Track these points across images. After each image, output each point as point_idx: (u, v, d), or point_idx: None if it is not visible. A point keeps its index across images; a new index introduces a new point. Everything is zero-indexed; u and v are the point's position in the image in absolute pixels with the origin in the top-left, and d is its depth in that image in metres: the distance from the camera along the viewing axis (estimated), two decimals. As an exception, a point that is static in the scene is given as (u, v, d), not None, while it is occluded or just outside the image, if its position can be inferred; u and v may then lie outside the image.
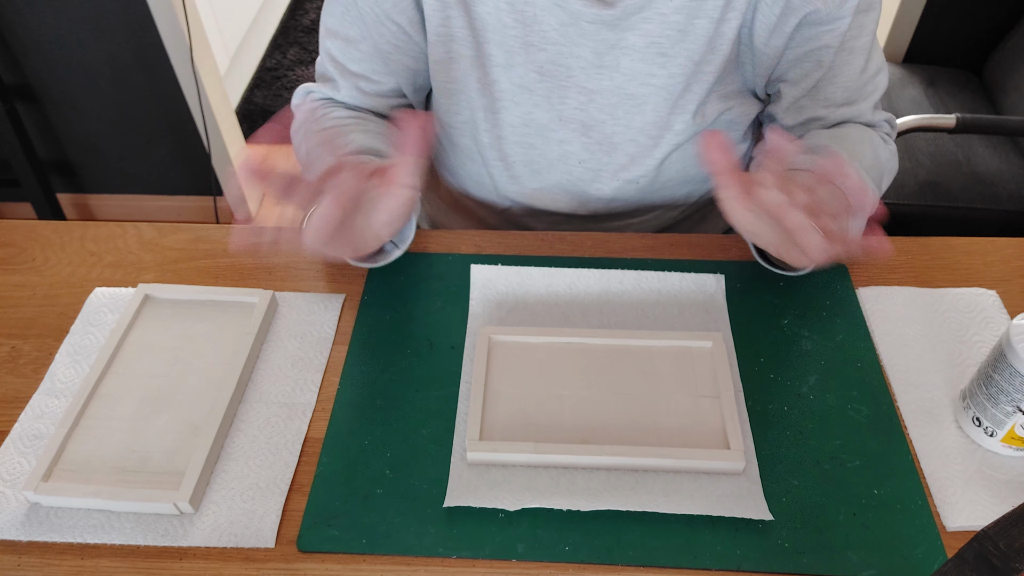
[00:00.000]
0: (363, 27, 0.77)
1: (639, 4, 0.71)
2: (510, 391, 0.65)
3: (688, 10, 0.71)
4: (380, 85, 0.81)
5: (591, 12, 0.71)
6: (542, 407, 0.64)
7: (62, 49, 1.80)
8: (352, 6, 0.77)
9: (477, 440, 0.61)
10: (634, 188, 0.84)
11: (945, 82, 1.67)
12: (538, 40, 0.74)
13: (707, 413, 0.63)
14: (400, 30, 0.76)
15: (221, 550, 0.58)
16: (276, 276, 0.78)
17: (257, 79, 2.57)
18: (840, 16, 0.71)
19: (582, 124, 0.79)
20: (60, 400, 0.67)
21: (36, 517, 0.59)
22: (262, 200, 2.22)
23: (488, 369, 0.66)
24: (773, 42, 0.73)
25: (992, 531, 0.38)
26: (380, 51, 0.78)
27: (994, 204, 1.39)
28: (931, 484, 0.61)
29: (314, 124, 0.80)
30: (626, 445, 0.61)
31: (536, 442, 0.61)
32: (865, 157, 0.76)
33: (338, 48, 0.80)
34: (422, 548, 0.57)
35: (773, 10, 0.70)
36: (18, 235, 0.83)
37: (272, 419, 0.65)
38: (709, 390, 0.65)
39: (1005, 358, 0.58)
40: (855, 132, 0.78)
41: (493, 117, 0.80)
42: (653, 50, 0.73)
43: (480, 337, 0.68)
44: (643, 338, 0.68)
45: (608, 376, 0.66)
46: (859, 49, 0.74)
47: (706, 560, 0.56)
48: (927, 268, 0.77)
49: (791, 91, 0.78)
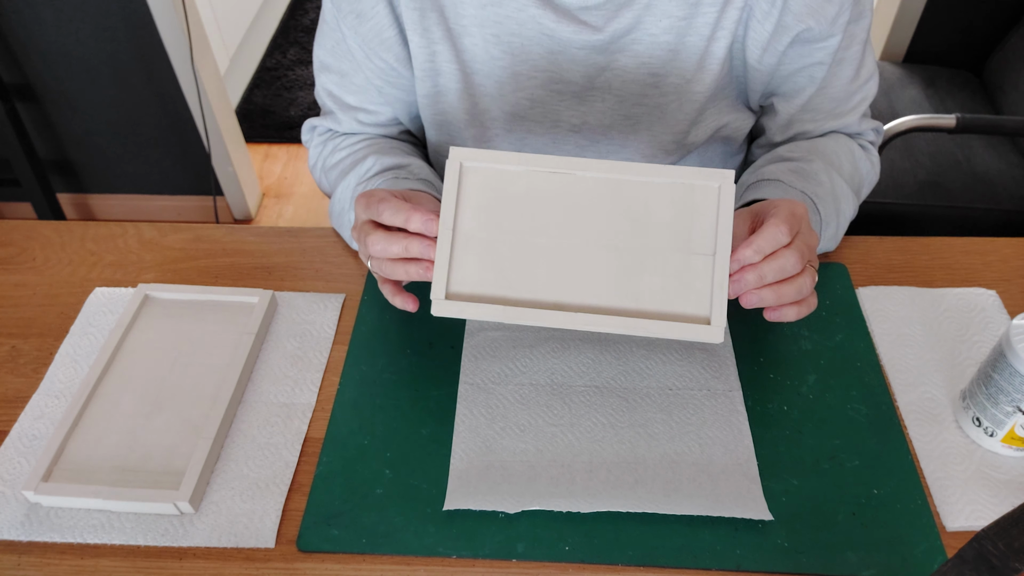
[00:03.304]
0: (354, 62, 0.77)
1: (628, 27, 0.70)
2: (482, 233, 0.58)
3: (678, 30, 0.70)
4: (378, 116, 0.81)
5: (580, 39, 0.71)
6: (517, 256, 0.58)
7: (62, 49, 1.80)
8: (342, 41, 0.76)
9: (442, 299, 0.57)
10: None
11: (945, 82, 1.67)
12: (527, 69, 0.74)
13: (696, 275, 0.57)
14: (388, 66, 0.76)
15: (221, 550, 0.58)
16: (276, 276, 0.78)
17: (257, 79, 2.57)
18: (832, 33, 0.70)
19: (577, 147, 0.79)
20: (60, 400, 0.67)
21: (36, 517, 0.59)
22: (261, 200, 2.22)
23: (458, 204, 0.58)
24: (766, 59, 0.72)
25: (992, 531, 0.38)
26: (373, 85, 0.78)
27: (994, 204, 1.39)
28: (931, 484, 0.61)
29: (329, 157, 0.81)
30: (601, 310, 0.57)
31: (505, 304, 0.56)
32: (844, 168, 0.76)
33: (333, 82, 0.80)
34: (422, 548, 0.57)
35: (765, 27, 0.70)
36: (18, 235, 0.83)
37: (272, 419, 0.65)
38: (705, 246, 0.57)
39: (1005, 358, 0.58)
40: (834, 143, 0.78)
41: (485, 146, 0.80)
42: (644, 71, 0.73)
43: (450, 162, 0.58)
44: (640, 174, 0.58)
45: (594, 222, 0.58)
46: (849, 59, 0.74)
47: (706, 560, 0.56)
48: (927, 268, 0.77)
49: (786, 106, 0.77)
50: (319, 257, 0.80)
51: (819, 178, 0.72)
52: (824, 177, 0.72)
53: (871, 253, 0.79)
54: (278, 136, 2.39)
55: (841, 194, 0.74)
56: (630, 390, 0.66)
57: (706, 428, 0.63)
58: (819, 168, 0.73)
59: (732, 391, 0.66)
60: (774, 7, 0.68)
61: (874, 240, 0.80)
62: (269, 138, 2.39)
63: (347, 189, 0.75)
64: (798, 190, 0.70)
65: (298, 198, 2.24)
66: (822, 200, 0.71)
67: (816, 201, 0.70)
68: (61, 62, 1.83)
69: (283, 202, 2.23)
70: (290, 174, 2.30)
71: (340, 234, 0.79)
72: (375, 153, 0.77)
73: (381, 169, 0.74)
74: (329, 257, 0.79)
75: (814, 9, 0.68)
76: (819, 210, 0.70)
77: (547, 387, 0.66)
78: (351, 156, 0.78)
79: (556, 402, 0.65)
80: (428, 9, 0.71)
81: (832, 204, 0.72)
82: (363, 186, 0.73)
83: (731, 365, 0.68)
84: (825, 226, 0.71)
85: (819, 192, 0.71)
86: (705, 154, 0.81)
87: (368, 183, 0.73)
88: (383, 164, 0.75)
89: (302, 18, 2.82)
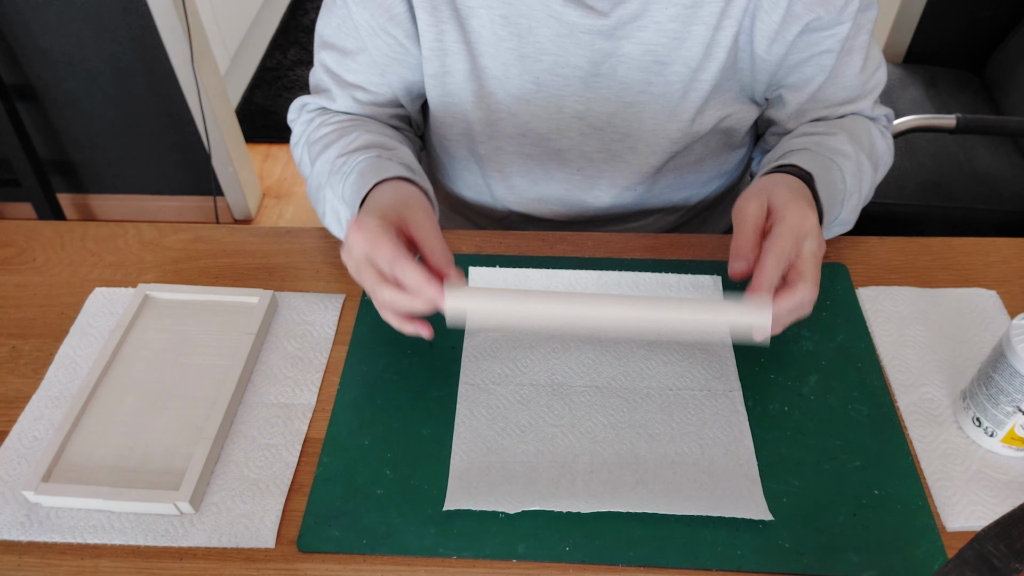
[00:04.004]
0: (359, 39, 0.76)
1: (634, 13, 0.70)
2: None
3: (684, 18, 0.71)
4: (377, 96, 0.80)
5: (586, 23, 0.71)
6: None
7: (62, 49, 1.80)
8: (348, 18, 0.75)
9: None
10: (632, 195, 0.84)
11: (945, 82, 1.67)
12: (534, 52, 0.74)
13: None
14: (396, 42, 0.75)
15: (221, 550, 0.58)
16: (276, 276, 0.78)
17: (257, 79, 2.57)
18: (842, 21, 0.70)
19: (580, 133, 0.79)
20: (60, 400, 0.67)
21: (36, 517, 0.59)
22: (262, 200, 2.22)
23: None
24: (775, 49, 0.72)
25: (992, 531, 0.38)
26: (377, 63, 0.77)
27: (994, 204, 1.39)
28: (931, 484, 0.61)
29: (314, 132, 0.79)
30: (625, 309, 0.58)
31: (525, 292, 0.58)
32: (864, 143, 0.76)
33: (334, 60, 0.79)
34: (422, 548, 0.57)
35: (772, 17, 0.70)
36: (18, 235, 0.83)
37: (272, 419, 0.65)
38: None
39: (1005, 358, 0.58)
40: (852, 122, 0.78)
41: (490, 129, 0.80)
42: (649, 58, 0.73)
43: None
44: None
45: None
46: (858, 48, 0.74)
47: (706, 560, 0.56)
48: (927, 268, 0.77)
49: (795, 97, 0.77)
50: (319, 257, 0.80)
51: (844, 148, 0.72)
52: (849, 148, 0.72)
53: (872, 253, 0.79)
54: (278, 136, 2.39)
55: (864, 167, 0.74)
56: (631, 390, 0.66)
57: (707, 428, 0.63)
58: (844, 139, 0.73)
59: (732, 391, 0.66)
60: None
61: (875, 240, 0.80)
62: (269, 138, 2.39)
63: (327, 162, 0.73)
64: (826, 157, 0.70)
65: (298, 198, 2.24)
66: (848, 171, 0.71)
67: (844, 171, 0.70)
68: (62, 62, 1.83)
69: (283, 202, 2.23)
70: (290, 174, 2.30)
71: (315, 209, 0.77)
72: (360, 128, 0.76)
73: (366, 144, 0.72)
74: (329, 257, 0.79)
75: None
76: (846, 180, 0.70)
77: (547, 387, 0.66)
78: (337, 130, 0.77)
79: (556, 402, 0.65)
80: None
81: (856, 175, 0.72)
82: (344, 158, 0.71)
83: (731, 365, 0.68)
84: (848, 196, 0.71)
85: (846, 164, 0.71)
86: (708, 145, 0.81)
87: (351, 156, 0.71)
88: (368, 140, 0.73)
89: (302, 18, 2.82)
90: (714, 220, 0.95)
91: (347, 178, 0.69)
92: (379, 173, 0.66)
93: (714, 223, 0.96)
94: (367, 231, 0.57)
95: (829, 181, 0.68)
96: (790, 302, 0.57)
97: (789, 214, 0.58)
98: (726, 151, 0.84)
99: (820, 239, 0.59)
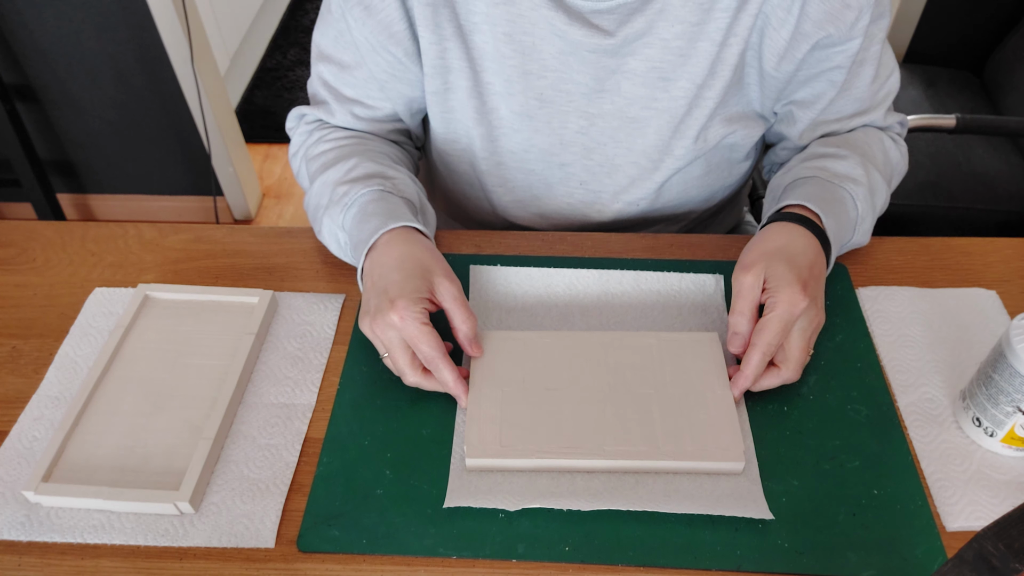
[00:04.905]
0: (358, 54, 0.75)
1: (639, 31, 0.70)
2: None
3: (690, 35, 0.70)
4: (376, 111, 0.79)
5: (592, 42, 0.70)
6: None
7: (62, 49, 1.80)
8: (346, 32, 0.74)
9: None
10: (635, 210, 0.83)
11: (945, 82, 1.67)
12: (537, 68, 0.73)
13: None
14: (396, 60, 0.75)
15: (221, 550, 0.58)
16: (276, 276, 0.78)
17: (257, 79, 2.57)
18: (852, 37, 0.69)
19: (583, 148, 0.79)
20: (60, 401, 0.67)
21: (36, 517, 0.59)
22: (261, 200, 2.22)
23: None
24: (784, 67, 0.72)
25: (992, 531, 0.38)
26: (376, 78, 0.77)
27: (994, 204, 1.39)
28: (931, 484, 0.61)
29: (313, 147, 0.79)
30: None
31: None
32: (877, 159, 0.76)
33: (331, 73, 0.78)
34: (422, 548, 0.57)
35: (781, 34, 0.69)
36: (18, 235, 0.83)
37: (272, 419, 0.65)
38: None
39: (1005, 358, 0.58)
40: (864, 136, 0.78)
41: (492, 145, 0.80)
42: (654, 74, 0.73)
43: None
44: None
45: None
46: (870, 59, 0.73)
47: (706, 560, 0.56)
48: (927, 268, 0.77)
49: (805, 113, 0.77)
50: (319, 257, 0.80)
51: (855, 173, 0.72)
52: (860, 171, 0.72)
53: (871, 254, 0.79)
54: (278, 136, 2.39)
55: (877, 187, 0.74)
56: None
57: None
58: (855, 163, 0.73)
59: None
60: (790, 14, 0.68)
61: (874, 240, 0.80)
62: (269, 138, 2.39)
63: (326, 185, 0.74)
64: (836, 185, 0.71)
65: (298, 199, 2.24)
66: (860, 197, 0.71)
67: (855, 198, 0.71)
68: (62, 62, 1.83)
69: (283, 202, 2.23)
70: (290, 175, 2.30)
71: (313, 228, 0.78)
72: (359, 154, 0.76)
73: (366, 174, 0.73)
74: (329, 257, 0.79)
75: (833, 15, 0.67)
76: (857, 207, 0.71)
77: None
78: (335, 150, 0.77)
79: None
80: (440, 5, 0.71)
81: (868, 199, 0.73)
82: (346, 188, 0.72)
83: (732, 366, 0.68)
84: (861, 221, 0.72)
85: (857, 191, 0.71)
86: (712, 160, 0.80)
87: (352, 186, 0.71)
88: (367, 169, 0.73)
89: (302, 18, 2.82)
90: (716, 225, 0.95)
91: (348, 209, 0.71)
92: (385, 220, 0.68)
93: (716, 227, 0.96)
94: (409, 323, 0.62)
95: (839, 212, 0.69)
96: (772, 382, 0.64)
97: (780, 302, 0.62)
98: (731, 165, 0.83)
99: (813, 315, 0.63)
